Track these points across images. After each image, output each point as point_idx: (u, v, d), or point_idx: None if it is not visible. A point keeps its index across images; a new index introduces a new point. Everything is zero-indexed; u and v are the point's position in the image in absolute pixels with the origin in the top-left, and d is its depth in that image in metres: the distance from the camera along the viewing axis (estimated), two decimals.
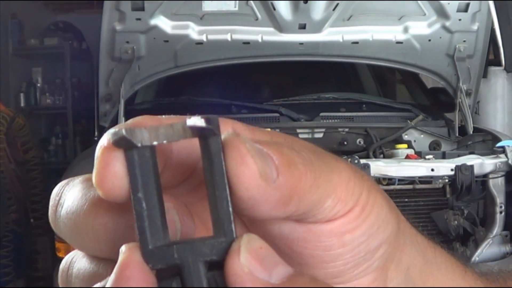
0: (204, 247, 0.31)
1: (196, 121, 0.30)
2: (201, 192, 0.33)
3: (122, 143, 0.30)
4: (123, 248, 0.31)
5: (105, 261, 0.34)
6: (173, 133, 0.31)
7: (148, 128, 0.31)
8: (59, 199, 0.35)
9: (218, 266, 0.31)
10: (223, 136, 0.31)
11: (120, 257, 0.30)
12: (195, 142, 0.32)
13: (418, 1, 3.42)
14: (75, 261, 0.35)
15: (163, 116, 0.35)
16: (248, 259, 0.30)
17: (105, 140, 0.31)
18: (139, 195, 0.31)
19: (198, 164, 0.34)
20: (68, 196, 0.35)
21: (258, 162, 0.30)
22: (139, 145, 0.30)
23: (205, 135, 0.31)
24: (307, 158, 0.32)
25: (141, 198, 0.31)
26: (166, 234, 0.31)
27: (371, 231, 0.35)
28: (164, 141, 0.31)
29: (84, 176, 0.36)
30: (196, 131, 0.31)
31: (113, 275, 0.30)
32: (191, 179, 0.35)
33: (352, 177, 0.34)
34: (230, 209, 0.31)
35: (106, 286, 0.30)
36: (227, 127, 0.34)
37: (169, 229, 0.32)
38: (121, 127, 0.30)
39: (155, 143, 0.31)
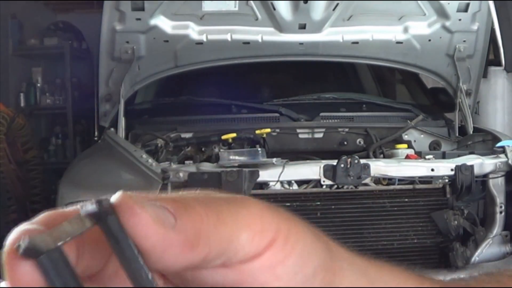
0: None
1: (88, 207, 0.32)
2: None
3: (29, 253, 0.31)
4: None
5: None
6: (73, 228, 0.32)
7: (48, 231, 0.32)
8: None
9: None
10: (111, 200, 0.32)
11: None
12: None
13: (418, 1, 3.42)
14: None
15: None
16: None
17: (7, 247, 0.32)
18: None
19: None
20: None
21: (149, 210, 0.31)
22: (45, 250, 0.31)
23: (103, 218, 0.32)
24: (204, 201, 0.33)
25: None
26: None
27: (303, 258, 0.34)
28: (68, 239, 0.32)
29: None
30: (94, 217, 0.32)
31: None
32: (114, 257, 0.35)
33: (265, 210, 0.34)
34: (150, 275, 0.32)
35: None
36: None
37: None
38: (23, 239, 0.31)
39: (59, 243, 0.32)
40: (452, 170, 2.85)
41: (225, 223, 0.32)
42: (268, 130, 3.39)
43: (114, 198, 0.32)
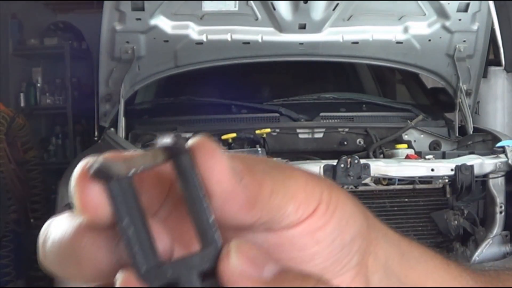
0: (195, 259, 0.32)
1: (164, 141, 0.32)
2: (181, 211, 0.34)
3: (100, 176, 0.32)
4: (118, 276, 0.32)
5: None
6: (147, 160, 0.32)
7: (122, 161, 0.32)
8: (46, 234, 0.36)
9: (211, 274, 0.32)
10: (191, 140, 0.33)
11: (117, 284, 0.31)
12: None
13: (418, 1, 3.42)
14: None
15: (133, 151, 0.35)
16: (239, 259, 0.31)
17: (78, 168, 0.33)
18: (124, 223, 0.32)
19: (171, 184, 0.35)
20: (52, 229, 0.35)
21: (226, 157, 0.32)
22: (117, 176, 0.32)
23: (176, 155, 0.32)
24: (263, 168, 0.35)
25: (127, 226, 0.32)
26: (156, 255, 0.32)
27: (341, 225, 0.36)
28: (140, 168, 0.32)
29: (68, 212, 0.36)
30: (168, 154, 0.32)
31: None
32: (168, 200, 0.36)
33: (309, 181, 0.36)
34: (212, 218, 0.32)
35: None
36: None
37: None
38: (97, 160, 0.32)
39: (132, 172, 0.32)
40: (452, 170, 2.85)
41: (277, 193, 0.34)
42: (268, 130, 3.39)
43: (194, 139, 0.33)
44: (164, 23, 3.40)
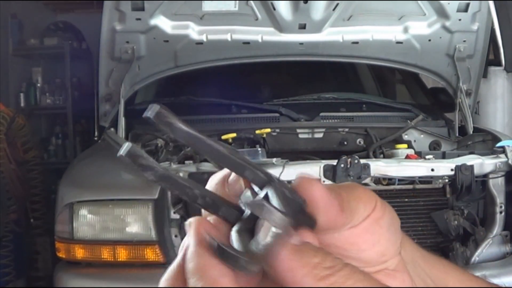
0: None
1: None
2: None
3: None
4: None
5: None
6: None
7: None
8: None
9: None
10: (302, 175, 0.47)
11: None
12: None
13: (418, 1, 3.42)
14: None
15: None
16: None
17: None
18: None
19: None
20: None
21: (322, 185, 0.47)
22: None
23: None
24: (334, 187, 0.48)
25: None
26: None
27: (392, 216, 0.49)
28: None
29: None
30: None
31: None
32: None
33: (366, 190, 0.49)
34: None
35: None
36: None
37: None
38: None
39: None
40: (452, 170, 2.84)
41: (351, 199, 0.47)
42: (268, 130, 3.39)
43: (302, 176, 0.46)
44: (164, 23, 3.40)
